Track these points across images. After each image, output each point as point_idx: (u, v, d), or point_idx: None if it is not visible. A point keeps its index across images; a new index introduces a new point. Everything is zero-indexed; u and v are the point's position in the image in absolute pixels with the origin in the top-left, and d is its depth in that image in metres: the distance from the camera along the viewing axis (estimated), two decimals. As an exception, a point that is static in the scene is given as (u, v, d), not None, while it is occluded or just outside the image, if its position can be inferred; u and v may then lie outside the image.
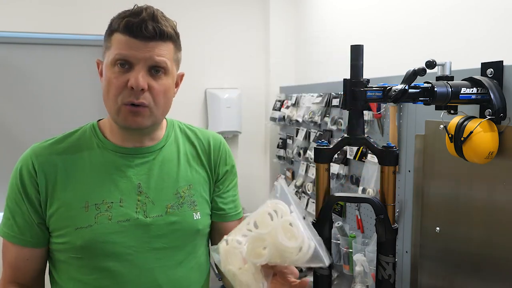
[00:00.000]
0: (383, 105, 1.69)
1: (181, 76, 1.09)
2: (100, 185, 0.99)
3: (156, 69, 0.96)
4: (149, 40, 0.94)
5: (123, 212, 0.99)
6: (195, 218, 1.06)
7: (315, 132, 2.32)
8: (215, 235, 1.16)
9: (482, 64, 1.13)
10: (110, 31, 0.97)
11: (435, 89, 1.04)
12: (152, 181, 1.04)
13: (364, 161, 1.80)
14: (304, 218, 0.79)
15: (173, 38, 0.98)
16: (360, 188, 1.79)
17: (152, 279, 1.00)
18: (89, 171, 1.00)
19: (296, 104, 2.56)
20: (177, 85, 1.07)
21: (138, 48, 0.93)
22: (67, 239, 0.97)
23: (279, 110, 2.76)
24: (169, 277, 1.03)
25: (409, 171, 1.54)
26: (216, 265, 0.84)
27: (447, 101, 1.07)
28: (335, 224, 1.78)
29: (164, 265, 1.02)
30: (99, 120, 1.09)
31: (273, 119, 2.84)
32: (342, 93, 1.16)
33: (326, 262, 0.77)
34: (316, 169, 1.13)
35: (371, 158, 1.75)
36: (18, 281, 1.02)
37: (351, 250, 1.76)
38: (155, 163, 1.05)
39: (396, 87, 1.02)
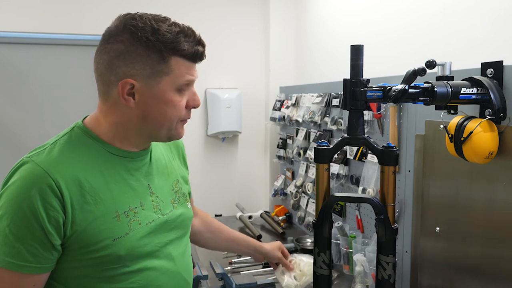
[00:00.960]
0: (383, 105, 1.69)
1: None
2: (122, 192, 0.99)
3: None
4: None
5: (146, 215, 1.02)
6: (188, 207, 1.18)
7: (315, 132, 2.32)
8: None
9: (482, 64, 1.13)
10: (163, 54, 0.94)
11: (435, 89, 1.04)
12: (156, 181, 1.08)
13: (364, 161, 1.80)
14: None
15: None
16: (360, 188, 1.79)
17: (175, 269, 1.07)
18: (108, 180, 0.97)
19: (296, 104, 2.56)
20: None
21: (194, 70, 1.01)
22: (106, 252, 0.94)
23: (279, 110, 2.76)
24: (183, 264, 1.11)
25: (409, 171, 1.54)
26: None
27: (447, 101, 1.07)
28: (335, 224, 1.78)
29: (179, 253, 1.10)
30: (83, 123, 1.02)
31: (273, 119, 2.84)
32: (342, 93, 1.16)
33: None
34: (316, 169, 1.14)
35: (371, 158, 1.75)
36: None
37: (351, 250, 1.76)
38: (152, 163, 1.09)
39: (396, 87, 1.02)
